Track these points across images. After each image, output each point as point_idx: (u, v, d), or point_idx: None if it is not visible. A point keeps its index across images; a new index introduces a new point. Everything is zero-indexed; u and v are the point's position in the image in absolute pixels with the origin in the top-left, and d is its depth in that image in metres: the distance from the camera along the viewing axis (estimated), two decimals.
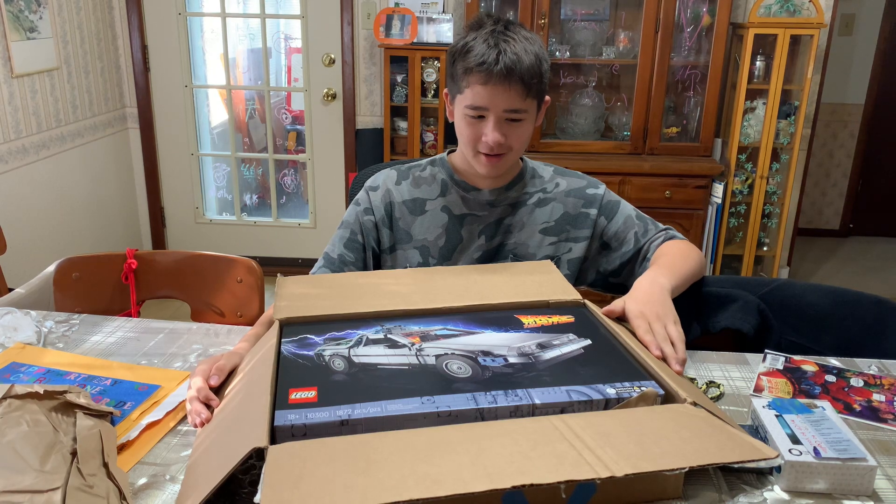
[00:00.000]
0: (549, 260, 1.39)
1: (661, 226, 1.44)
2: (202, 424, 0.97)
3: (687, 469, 0.81)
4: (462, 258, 1.41)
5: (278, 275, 1.26)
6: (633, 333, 1.11)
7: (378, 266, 1.44)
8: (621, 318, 1.17)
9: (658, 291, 1.17)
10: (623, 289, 1.40)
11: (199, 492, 0.79)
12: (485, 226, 1.40)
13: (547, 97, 1.34)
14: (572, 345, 1.03)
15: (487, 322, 1.11)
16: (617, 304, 1.17)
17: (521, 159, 1.44)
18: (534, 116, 1.31)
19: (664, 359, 1.06)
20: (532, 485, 0.73)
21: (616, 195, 1.46)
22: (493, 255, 1.41)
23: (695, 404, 0.91)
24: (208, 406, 1.00)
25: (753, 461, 0.83)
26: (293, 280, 1.24)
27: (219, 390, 1.04)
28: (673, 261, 1.29)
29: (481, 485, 0.72)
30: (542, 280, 1.26)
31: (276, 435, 0.83)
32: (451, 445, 0.79)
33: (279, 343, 1.04)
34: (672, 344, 1.08)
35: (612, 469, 0.76)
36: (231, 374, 1.07)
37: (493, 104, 1.25)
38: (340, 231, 1.42)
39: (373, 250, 1.42)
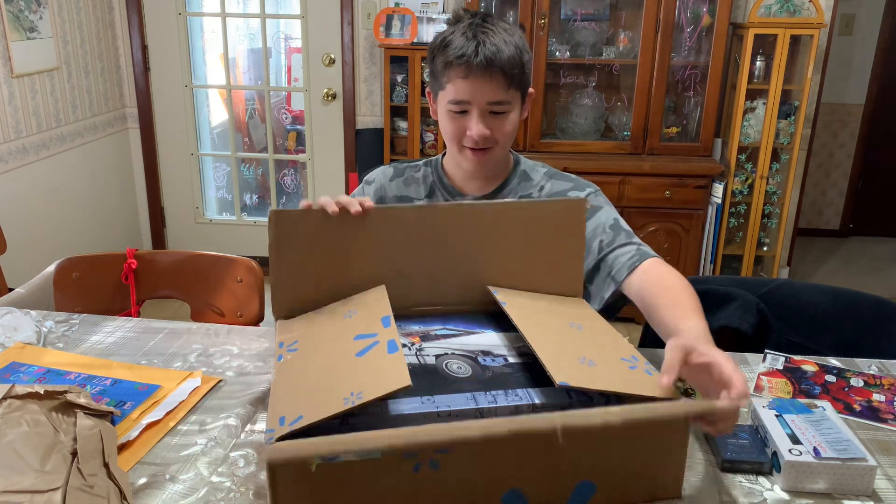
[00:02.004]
0: None
1: (636, 239, 1.28)
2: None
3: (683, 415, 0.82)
4: None
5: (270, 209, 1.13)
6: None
7: None
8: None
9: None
10: (589, 299, 1.29)
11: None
12: None
13: (531, 89, 1.32)
14: None
15: (487, 322, 1.11)
16: (680, 352, 0.89)
17: (516, 161, 1.42)
18: (518, 108, 1.29)
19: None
20: None
21: (604, 201, 1.35)
22: None
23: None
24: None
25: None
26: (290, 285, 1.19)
27: None
28: (693, 300, 1.09)
29: None
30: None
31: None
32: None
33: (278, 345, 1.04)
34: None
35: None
36: None
37: (475, 97, 1.24)
38: None
39: None
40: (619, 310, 1.31)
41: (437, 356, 0.99)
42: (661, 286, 1.15)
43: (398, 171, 1.44)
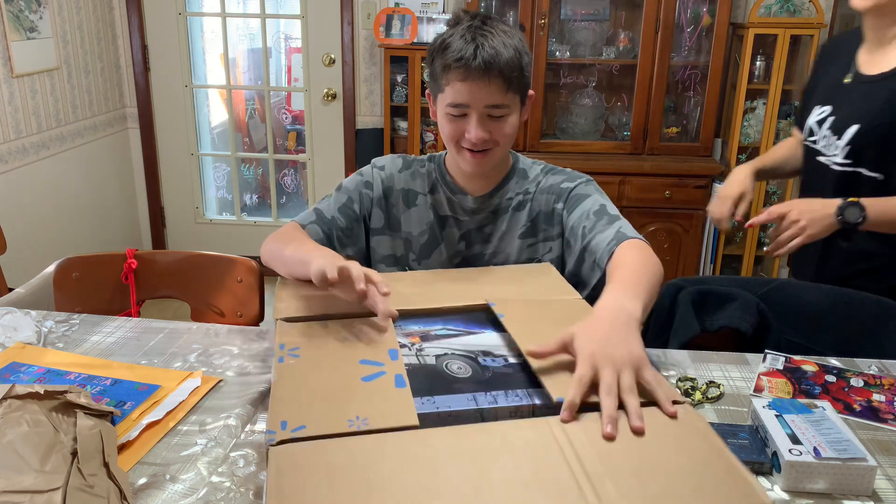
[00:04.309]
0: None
1: (620, 222, 1.27)
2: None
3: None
4: (441, 259, 1.40)
5: (279, 277, 1.26)
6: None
7: (367, 242, 1.42)
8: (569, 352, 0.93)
9: (623, 323, 0.93)
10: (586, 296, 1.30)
11: None
12: (466, 231, 1.39)
13: (531, 91, 1.31)
14: None
15: (488, 322, 1.11)
16: (565, 335, 0.92)
17: (514, 159, 1.42)
18: (518, 111, 1.29)
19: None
20: None
21: (593, 189, 1.36)
22: (472, 262, 1.40)
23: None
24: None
25: None
26: (294, 283, 1.24)
27: None
28: (636, 275, 1.09)
29: None
30: (543, 281, 1.26)
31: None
32: (454, 466, 0.77)
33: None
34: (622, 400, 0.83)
35: None
36: None
37: (473, 100, 1.23)
38: (337, 194, 1.40)
39: (364, 222, 1.40)
40: None
41: (437, 356, 0.99)
42: (614, 265, 1.17)
43: (406, 164, 1.44)
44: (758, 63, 3.28)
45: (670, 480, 0.75)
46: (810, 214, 1.39)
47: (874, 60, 1.49)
